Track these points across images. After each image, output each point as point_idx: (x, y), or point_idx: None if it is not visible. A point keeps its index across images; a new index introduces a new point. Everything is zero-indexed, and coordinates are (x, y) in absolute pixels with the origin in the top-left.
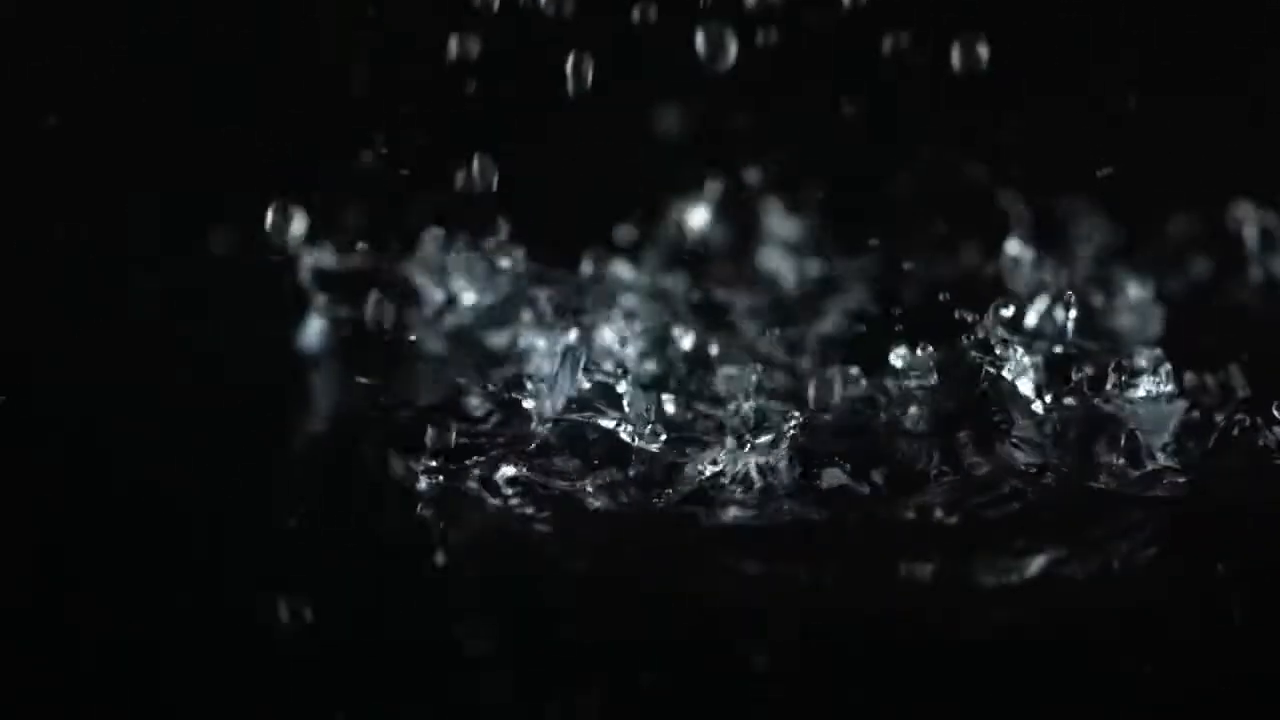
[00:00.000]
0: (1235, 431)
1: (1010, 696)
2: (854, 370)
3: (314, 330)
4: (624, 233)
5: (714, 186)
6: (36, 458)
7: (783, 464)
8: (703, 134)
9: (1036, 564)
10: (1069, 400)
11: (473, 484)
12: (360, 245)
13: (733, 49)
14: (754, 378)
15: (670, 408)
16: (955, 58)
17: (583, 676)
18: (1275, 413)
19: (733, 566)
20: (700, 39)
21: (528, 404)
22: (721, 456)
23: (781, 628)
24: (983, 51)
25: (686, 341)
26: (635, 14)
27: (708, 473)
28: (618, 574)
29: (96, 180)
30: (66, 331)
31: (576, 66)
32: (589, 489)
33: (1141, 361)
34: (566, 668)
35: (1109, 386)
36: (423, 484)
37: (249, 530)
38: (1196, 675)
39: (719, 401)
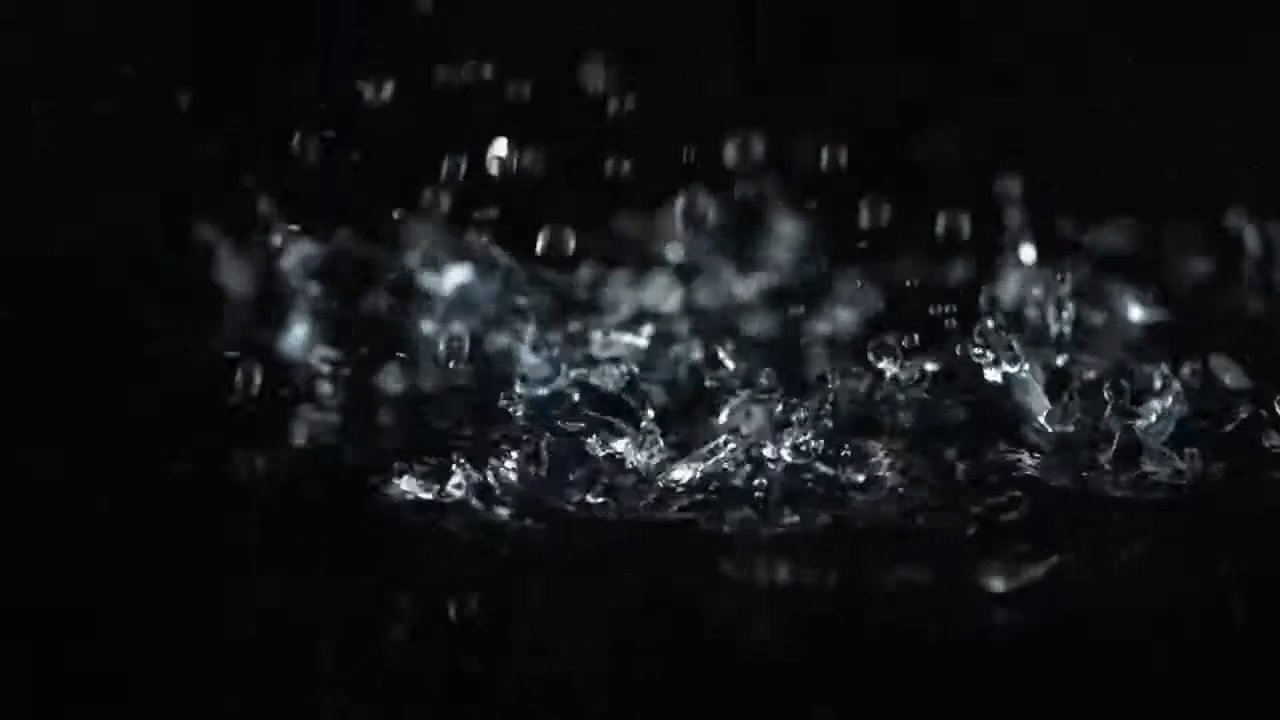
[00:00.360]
0: (1237, 431)
1: (1013, 700)
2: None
3: (299, 325)
4: (619, 233)
5: (712, 187)
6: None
7: (782, 468)
8: (700, 134)
9: (1038, 568)
10: (1070, 404)
11: (464, 490)
12: (344, 236)
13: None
14: (749, 382)
15: (666, 412)
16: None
17: (580, 684)
18: (1278, 408)
19: (733, 572)
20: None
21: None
22: (721, 460)
23: (781, 634)
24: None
25: (680, 347)
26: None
27: (696, 475)
28: (616, 580)
29: (78, 179)
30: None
31: (553, 239)
32: (583, 495)
33: (1146, 375)
34: (563, 675)
35: (1109, 395)
36: (404, 488)
37: (235, 534)
38: (1199, 677)
39: (716, 406)
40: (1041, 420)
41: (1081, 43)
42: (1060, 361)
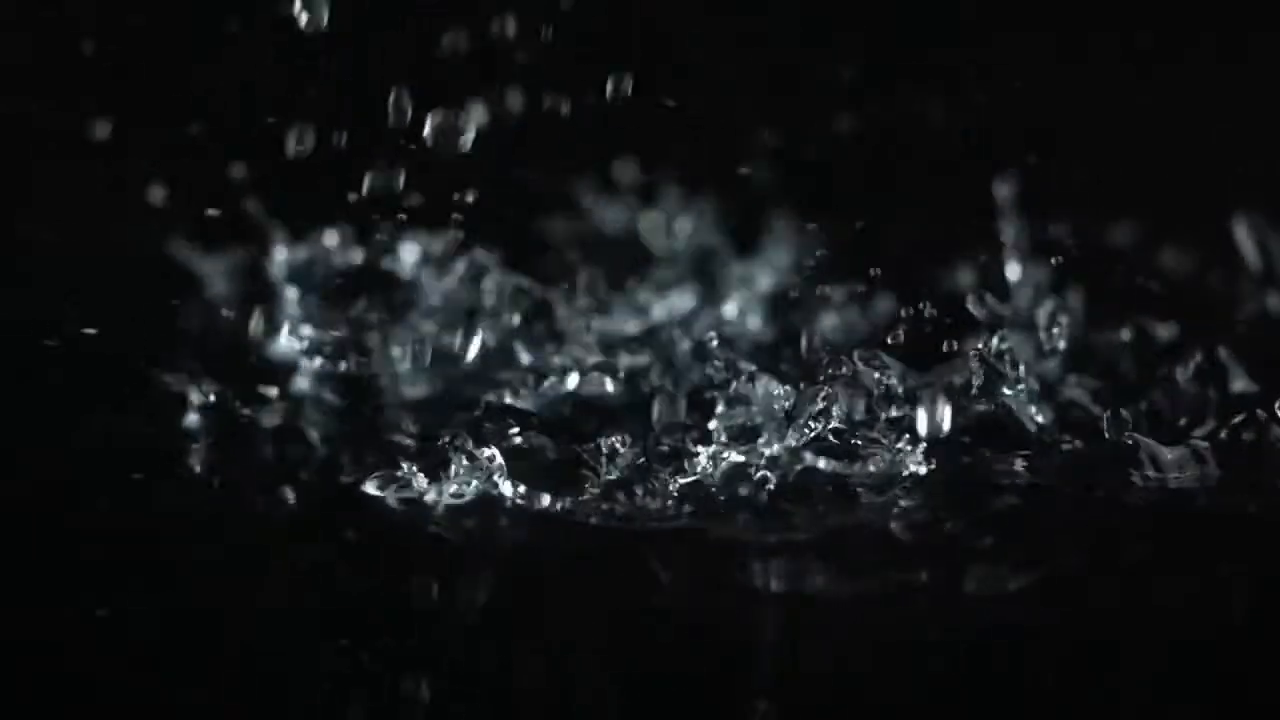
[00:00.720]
0: (1238, 432)
1: (1014, 700)
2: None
3: (289, 328)
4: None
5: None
6: None
7: (782, 476)
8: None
9: (1038, 569)
10: (1071, 410)
11: (461, 498)
12: (332, 239)
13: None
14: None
15: (667, 415)
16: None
17: (578, 688)
18: (1278, 409)
19: (733, 576)
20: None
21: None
22: (721, 463)
23: (781, 637)
24: None
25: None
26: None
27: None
28: (617, 588)
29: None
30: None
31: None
32: (584, 499)
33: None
34: (560, 679)
35: (1107, 414)
36: (401, 491)
37: (232, 538)
38: (1199, 678)
39: (713, 413)
40: (1041, 424)
41: (1081, 43)
42: (1060, 366)
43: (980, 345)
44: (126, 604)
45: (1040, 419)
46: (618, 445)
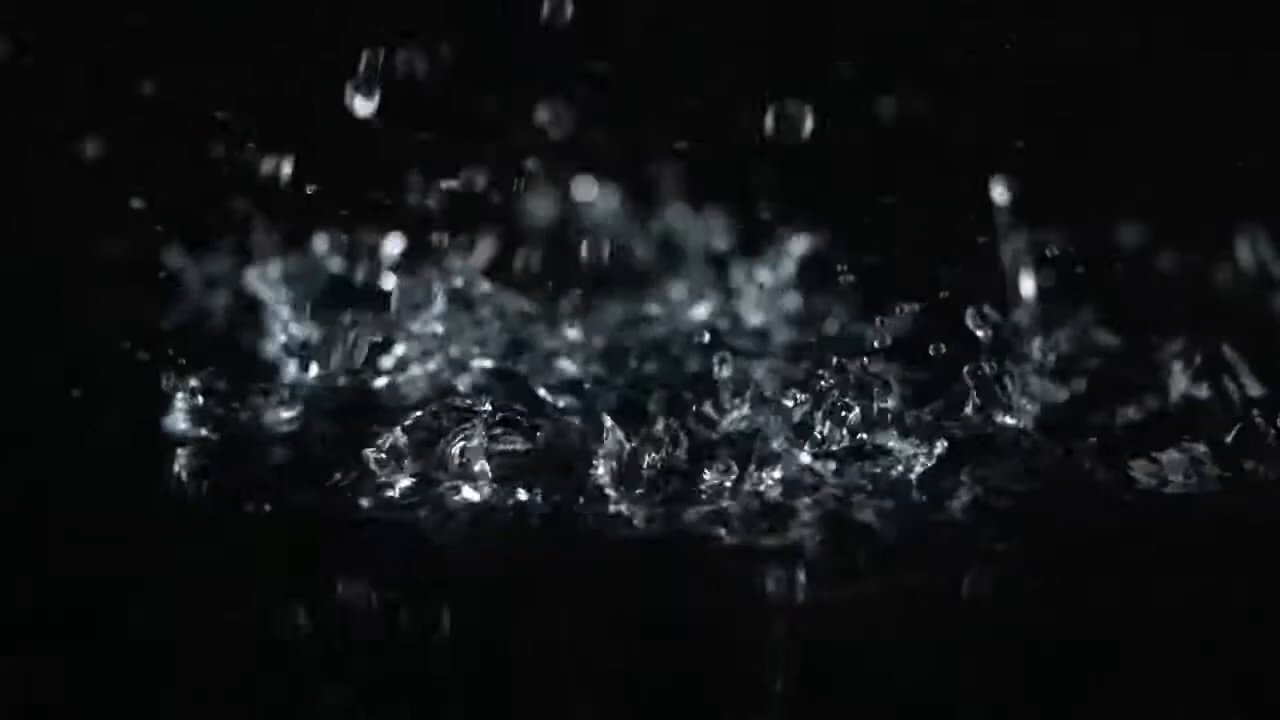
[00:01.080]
0: (1239, 434)
1: (1013, 701)
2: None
3: (281, 333)
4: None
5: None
6: None
7: (782, 480)
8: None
9: (1038, 570)
10: (1068, 413)
11: (460, 501)
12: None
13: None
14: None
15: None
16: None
17: (579, 698)
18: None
19: (732, 580)
20: None
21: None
22: (720, 477)
23: (781, 643)
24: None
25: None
26: None
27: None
28: (616, 591)
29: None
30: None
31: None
32: (586, 503)
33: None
34: (559, 684)
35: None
36: (397, 494)
37: (233, 540)
38: (1199, 679)
39: (714, 422)
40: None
41: (1082, 44)
42: (1059, 369)
43: (977, 364)
44: (124, 605)
45: (1038, 425)
46: (615, 449)
